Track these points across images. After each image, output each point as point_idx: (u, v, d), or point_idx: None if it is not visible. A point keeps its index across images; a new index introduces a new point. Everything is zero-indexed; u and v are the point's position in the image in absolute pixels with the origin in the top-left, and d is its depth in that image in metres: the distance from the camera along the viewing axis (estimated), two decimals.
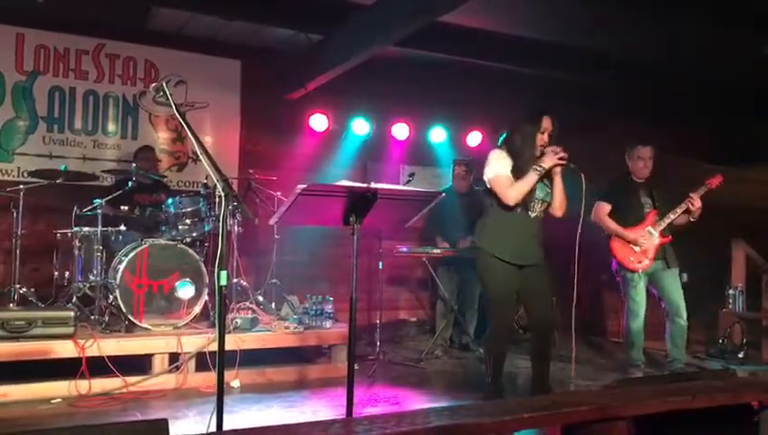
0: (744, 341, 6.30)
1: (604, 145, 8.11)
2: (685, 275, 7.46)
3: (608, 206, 5.37)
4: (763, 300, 6.40)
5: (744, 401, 2.61)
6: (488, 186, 4.21)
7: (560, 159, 4.08)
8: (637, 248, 5.28)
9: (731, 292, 6.38)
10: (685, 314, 5.27)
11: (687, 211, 5.21)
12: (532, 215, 4.21)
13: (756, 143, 6.51)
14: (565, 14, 6.00)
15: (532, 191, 4.13)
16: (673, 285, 5.32)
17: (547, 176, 4.18)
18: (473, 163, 6.78)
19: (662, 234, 5.28)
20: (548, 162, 4.08)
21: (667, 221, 5.25)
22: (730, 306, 6.37)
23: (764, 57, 6.22)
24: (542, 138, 4.17)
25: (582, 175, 4.14)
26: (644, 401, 2.33)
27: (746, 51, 6.26)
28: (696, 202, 5.16)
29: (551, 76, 7.29)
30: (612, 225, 5.33)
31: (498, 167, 4.14)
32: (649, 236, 5.27)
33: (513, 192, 4.08)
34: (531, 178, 4.07)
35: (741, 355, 6.18)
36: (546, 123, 4.19)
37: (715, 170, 5.44)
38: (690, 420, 2.43)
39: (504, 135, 4.28)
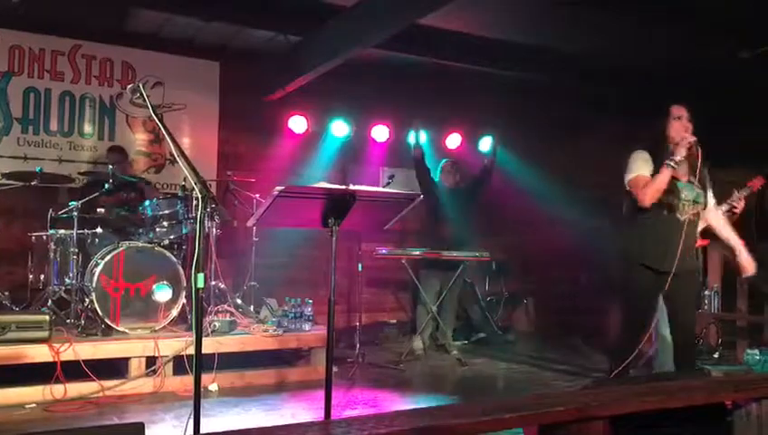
0: (720, 341, 6.39)
1: (586, 146, 8.22)
2: None
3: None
4: (738, 301, 6.48)
5: (719, 401, 2.64)
6: (627, 189, 4.00)
7: (688, 142, 3.81)
8: None
9: (707, 293, 6.44)
10: None
11: (730, 211, 4.81)
12: (682, 218, 3.92)
13: (733, 146, 6.60)
14: (543, 18, 6.04)
15: (676, 192, 3.88)
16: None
17: (699, 176, 3.95)
18: (459, 163, 6.84)
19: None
20: (680, 152, 3.81)
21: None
22: (706, 307, 6.43)
23: (741, 61, 6.30)
24: (679, 125, 3.91)
25: (699, 148, 3.86)
26: (620, 401, 2.34)
27: (723, 54, 6.36)
28: (739, 204, 4.78)
29: (531, 79, 7.35)
30: None
31: (637, 168, 3.93)
32: None
33: (647, 191, 3.84)
34: (663, 174, 3.81)
35: (716, 355, 6.26)
36: (677, 111, 3.95)
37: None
38: (666, 419, 2.45)
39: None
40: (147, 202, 5.52)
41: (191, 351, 4.41)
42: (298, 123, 7.15)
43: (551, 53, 6.85)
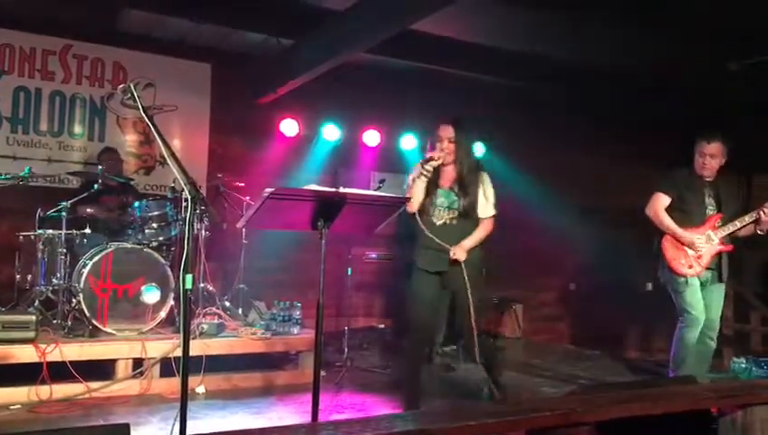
0: None
1: (576, 154, 8.27)
2: (650, 284, 7.56)
3: (666, 198, 4.75)
4: (725, 309, 6.51)
5: (704, 408, 2.65)
6: None
7: (429, 157, 4.12)
8: (691, 252, 4.68)
9: None
10: (716, 335, 4.80)
11: (757, 221, 4.62)
12: (437, 222, 4.19)
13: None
14: (534, 26, 6.07)
15: (432, 197, 4.16)
16: (716, 301, 4.81)
17: (461, 184, 4.18)
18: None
19: (722, 241, 4.71)
20: (431, 164, 4.12)
21: (732, 229, 4.67)
22: None
23: (731, 72, 6.35)
24: (440, 145, 4.18)
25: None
26: (606, 406, 2.35)
27: (711, 63, 6.42)
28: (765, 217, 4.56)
29: (522, 85, 7.39)
30: (668, 221, 4.71)
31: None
32: (708, 241, 4.68)
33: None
34: (416, 183, 4.14)
35: None
36: (441, 132, 4.19)
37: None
38: (651, 425, 2.46)
39: None
40: (136, 203, 5.49)
41: (178, 353, 4.39)
42: (289, 126, 7.13)
43: (542, 60, 6.89)
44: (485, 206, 4.24)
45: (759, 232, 4.67)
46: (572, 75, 7.13)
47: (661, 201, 4.75)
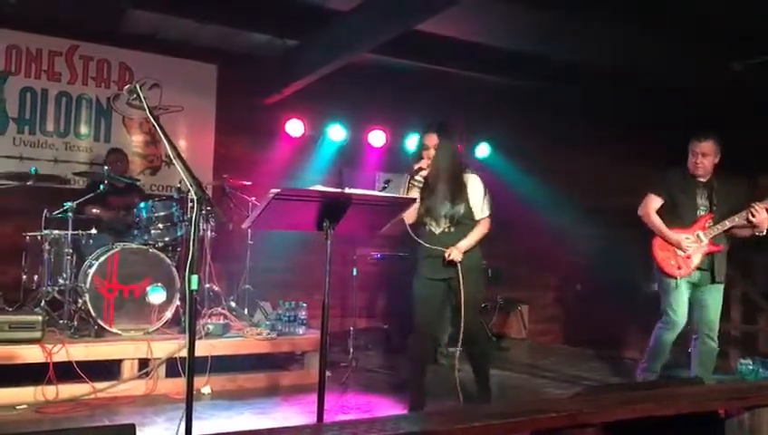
0: None
1: (581, 154, 8.24)
2: (655, 286, 7.53)
3: (658, 199, 4.77)
4: (732, 311, 6.49)
5: (711, 410, 2.64)
6: None
7: (418, 168, 4.16)
8: (680, 252, 4.65)
9: None
10: (716, 335, 4.70)
11: (751, 224, 4.50)
12: (437, 231, 4.20)
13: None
14: (539, 26, 6.05)
15: (432, 209, 4.16)
16: (713, 301, 4.70)
17: (448, 191, 4.15)
18: None
19: (713, 241, 4.62)
20: (419, 174, 4.16)
21: (721, 229, 4.57)
22: None
23: (735, 72, 6.32)
24: (427, 153, 4.18)
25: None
26: (612, 408, 2.34)
27: (711, 63, 6.39)
28: (758, 213, 4.42)
29: (526, 85, 7.38)
30: (657, 222, 4.72)
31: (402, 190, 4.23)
32: (697, 242, 4.62)
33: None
34: (410, 193, 4.14)
35: None
36: (426, 140, 4.19)
37: None
38: (658, 427, 2.45)
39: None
40: (142, 204, 5.51)
41: (184, 353, 4.39)
42: (295, 127, 7.15)
43: (542, 60, 6.87)
44: (477, 208, 4.22)
45: (757, 234, 4.55)
46: (572, 75, 7.11)
47: (652, 202, 4.77)
